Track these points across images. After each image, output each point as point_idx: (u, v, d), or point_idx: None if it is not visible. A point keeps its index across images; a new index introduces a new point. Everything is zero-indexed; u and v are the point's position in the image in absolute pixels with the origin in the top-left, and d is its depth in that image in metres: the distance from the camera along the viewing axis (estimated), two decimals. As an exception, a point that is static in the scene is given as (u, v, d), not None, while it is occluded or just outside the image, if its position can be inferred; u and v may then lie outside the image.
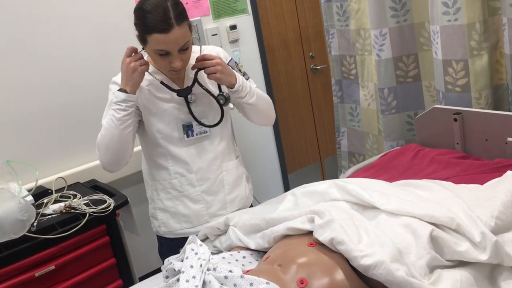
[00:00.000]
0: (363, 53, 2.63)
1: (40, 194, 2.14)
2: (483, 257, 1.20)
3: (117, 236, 2.11)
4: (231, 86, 1.70)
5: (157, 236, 1.93)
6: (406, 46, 2.41)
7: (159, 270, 1.56)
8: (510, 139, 1.87)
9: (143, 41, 1.58)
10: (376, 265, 1.14)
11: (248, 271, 1.27)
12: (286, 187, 3.40)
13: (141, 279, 2.02)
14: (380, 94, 2.51)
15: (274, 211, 1.58)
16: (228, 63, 1.77)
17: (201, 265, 1.20)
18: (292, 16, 3.37)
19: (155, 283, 1.53)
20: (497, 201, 1.37)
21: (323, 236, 1.25)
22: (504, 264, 1.23)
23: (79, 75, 2.45)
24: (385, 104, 2.51)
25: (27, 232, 1.81)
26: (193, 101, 1.73)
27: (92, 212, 1.99)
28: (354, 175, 2.19)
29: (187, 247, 1.30)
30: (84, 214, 1.98)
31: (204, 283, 1.16)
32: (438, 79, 2.22)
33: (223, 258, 1.39)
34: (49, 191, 2.19)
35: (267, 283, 1.09)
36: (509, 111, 2.07)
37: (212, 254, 1.39)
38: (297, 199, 1.62)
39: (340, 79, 2.83)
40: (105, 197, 2.10)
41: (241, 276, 1.13)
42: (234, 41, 3.01)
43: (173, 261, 1.32)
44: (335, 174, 3.26)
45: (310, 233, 1.33)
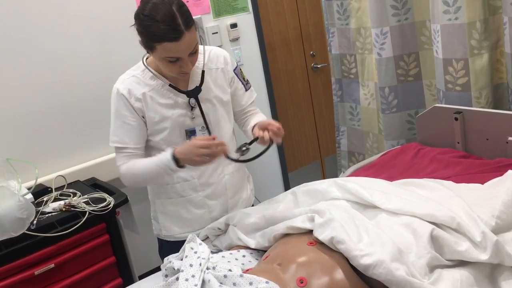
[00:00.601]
0: (364, 52, 2.62)
1: (39, 192, 2.14)
2: (483, 256, 1.20)
3: (117, 234, 2.11)
4: None
5: (157, 237, 1.92)
6: (407, 44, 2.41)
7: (158, 269, 1.56)
8: (511, 138, 1.86)
9: (150, 48, 1.50)
10: (376, 264, 1.14)
11: (247, 270, 1.27)
12: (287, 185, 3.40)
13: (140, 277, 2.02)
14: (380, 93, 2.50)
15: (274, 210, 1.57)
16: (234, 70, 1.75)
17: (200, 264, 1.20)
18: (292, 14, 3.37)
19: (155, 281, 1.53)
20: (497, 200, 1.37)
21: (323, 235, 1.25)
22: (504, 264, 1.23)
23: (79, 73, 2.45)
24: (385, 103, 2.50)
25: (26, 230, 1.80)
26: (195, 105, 1.67)
27: (92, 210, 1.98)
28: (355, 174, 2.18)
29: (186, 246, 1.30)
30: (84, 213, 1.97)
31: (203, 282, 1.16)
32: (439, 78, 2.21)
33: (222, 257, 1.39)
34: (49, 189, 2.19)
35: (266, 282, 1.09)
36: (510, 110, 2.06)
37: (212, 253, 1.39)
38: (297, 198, 1.62)
39: (340, 78, 2.82)
40: (105, 195, 2.10)
41: (241, 275, 1.13)
42: (235, 40, 3.00)
43: (172, 260, 1.32)
44: (335, 173, 3.25)
45: (310, 232, 1.32)
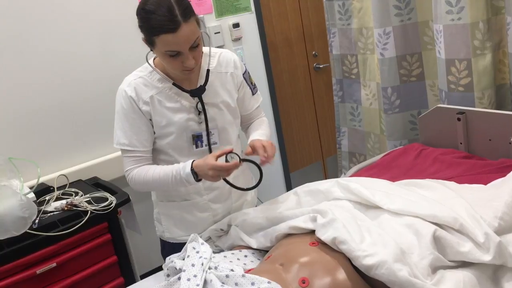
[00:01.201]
0: (365, 52, 2.62)
1: (42, 191, 2.14)
2: (486, 257, 1.20)
3: (119, 234, 2.11)
4: None
5: (160, 238, 1.91)
6: (410, 45, 2.40)
7: (160, 269, 1.56)
8: (513, 139, 1.86)
9: (151, 43, 1.49)
10: (378, 265, 1.14)
11: (249, 270, 1.27)
12: (288, 186, 3.40)
13: (142, 277, 2.02)
14: (383, 93, 2.50)
15: (277, 210, 1.57)
16: (244, 74, 1.73)
17: (202, 264, 1.19)
18: (295, 14, 3.37)
19: (157, 281, 1.53)
20: (501, 201, 1.37)
21: (325, 236, 1.25)
22: (507, 265, 1.22)
23: (82, 73, 2.45)
24: (388, 103, 2.50)
25: (28, 229, 1.81)
26: (202, 110, 1.64)
27: (93, 209, 1.99)
28: (357, 174, 2.18)
29: (188, 245, 1.30)
30: (85, 212, 1.98)
31: (205, 281, 1.15)
32: (441, 78, 2.21)
33: (224, 257, 1.39)
34: (51, 188, 2.19)
35: (268, 282, 1.09)
36: (512, 110, 2.06)
37: (214, 253, 1.39)
38: (299, 198, 1.61)
39: (341, 79, 2.82)
40: (107, 194, 2.10)
41: (243, 275, 1.12)
42: (237, 39, 3.00)
43: (174, 259, 1.32)
44: (337, 173, 3.25)
45: (312, 232, 1.32)
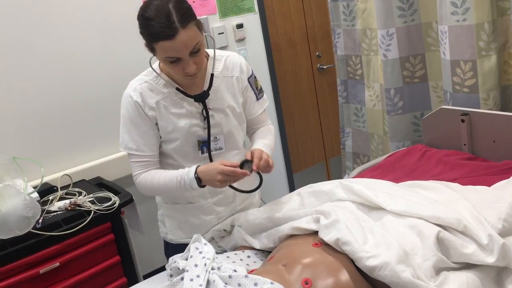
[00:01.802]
0: (369, 53, 2.61)
1: (45, 191, 2.15)
2: (490, 259, 1.19)
3: (122, 234, 2.11)
4: None
5: (163, 240, 1.91)
6: (413, 46, 2.40)
7: (163, 269, 1.56)
8: (518, 140, 1.86)
9: (151, 49, 1.49)
10: (381, 266, 1.13)
11: (252, 270, 1.27)
12: (292, 186, 3.40)
13: (145, 277, 2.02)
14: (386, 94, 2.49)
15: (280, 211, 1.57)
16: (249, 78, 1.71)
17: (205, 264, 1.20)
18: (299, 15, 3.36)
19: (159, 281, 1.53)
20: (505, 203, 1.37)
21: (328, 236, 1.25)
22: (511, 267, 1.22)
23: (85, 73, 2.46)
24: (391, 105, 2.49)
25: (32, 229, 1.81)
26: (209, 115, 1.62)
27: (97, 209, 1.99)
28: (360, 175, 2.18)
29: (191, 246, 1.30)
30: (89, 212, 1.98)
31: (208, 282, 1.15)
32: (446, 79, 2.20)
33: (227, 257, 1.39)
34: (55, 188, 2.20)
35: (271, 283, 1.09)
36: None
37: (217, 253, 1.39)
38: (303, 199, 1.61)
39: (346, 79, 2.82)
40: (110, 194, 2.10)
41: (246, 276, 1.12)
42: (241, 40, 3.00)
43: (177, 259, 1.32)
44: (340, 174, 3.25)
45: (316, 233, 1.32)
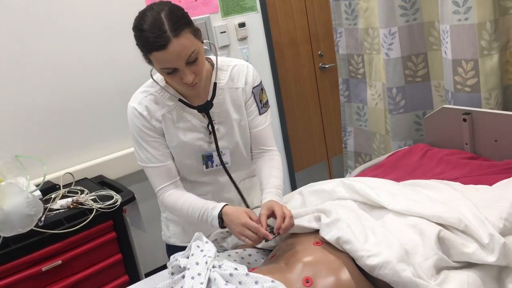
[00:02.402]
0: (371, 52, 2.61)
1: (48, 189, 2.16)
2: (491, 258, 1.19)
3: (124, 232, 2.12)
4: None
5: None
6: (415, 45, 2.39)
7: (165, 267, 1.56)
8: (519, 140, 1.85)
9: (149, 61, 1.44)
10: (382, 265, 1.13)
11: (253, 269, 1.27)
12: (293, 185, 3.40)
13: (147, 275, 2.03)
14: (388, 93, 2.49)
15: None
16: (253, 89, 1.63)
17: (206, 262, 1.20)
18: (301, 14, 3.36)
19: (161, 279, 1.53)
20: (506, 202, 1.36)
21: (329, 235, 1.25)
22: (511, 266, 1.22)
23: (88, 72, 2.46)
24: (393, 104, 2.49)
25: (34, 226, 1.82)
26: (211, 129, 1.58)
27: (99, 207, 2.00)
28: (362, 174, 2.18)
29: (192, 244, 1.30)
30: (91, 210, 1.99)
31: (209, 280, 1.16)
32: (448, 78, 2.20)
33: (228, 255, 1.39)
34: (57, 186, 2.21)
35: (272, 281, 1.09)
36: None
37: (218, 252, 1.39)
38: (304, 198, 1.61)
39: (348, 78, 2.81)
40: (112, 193, 2.11)
41: (247, 274, 1.13)
42: (243, 39, 3.00)
43: (178, 257, 1.32)
44: (342, 173, 3.24)
45: (317, 231, 1.32)
